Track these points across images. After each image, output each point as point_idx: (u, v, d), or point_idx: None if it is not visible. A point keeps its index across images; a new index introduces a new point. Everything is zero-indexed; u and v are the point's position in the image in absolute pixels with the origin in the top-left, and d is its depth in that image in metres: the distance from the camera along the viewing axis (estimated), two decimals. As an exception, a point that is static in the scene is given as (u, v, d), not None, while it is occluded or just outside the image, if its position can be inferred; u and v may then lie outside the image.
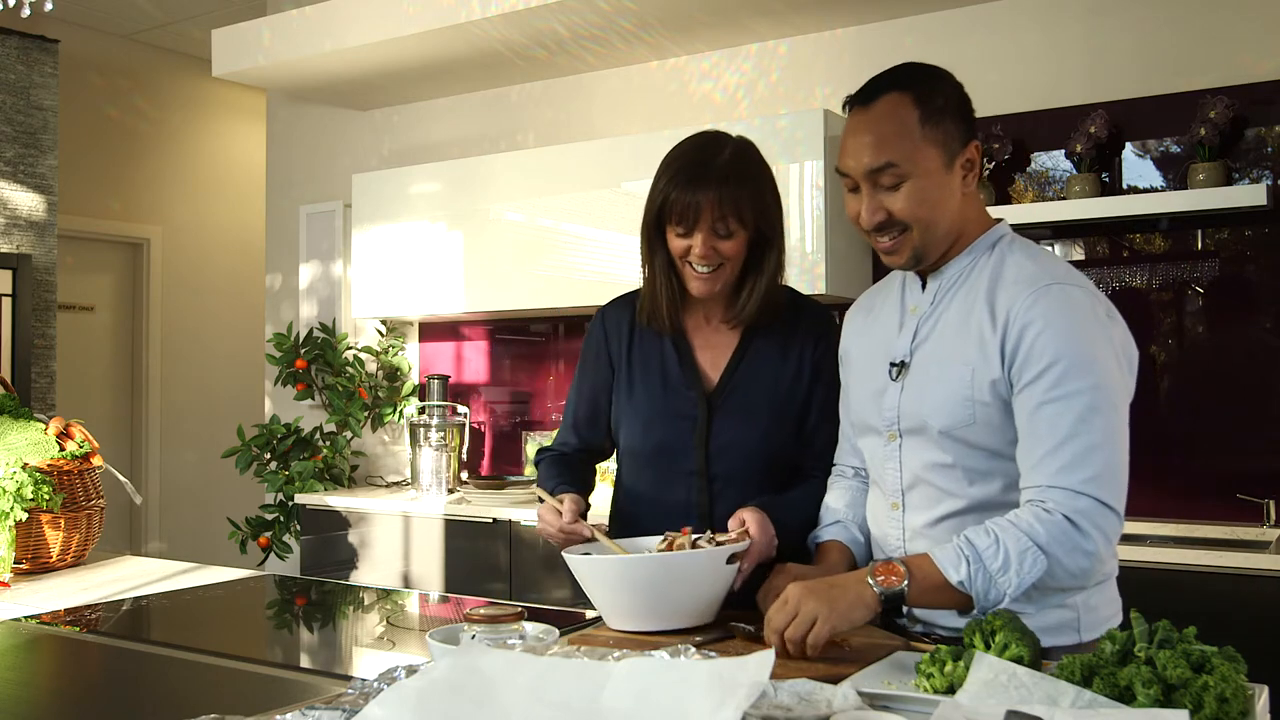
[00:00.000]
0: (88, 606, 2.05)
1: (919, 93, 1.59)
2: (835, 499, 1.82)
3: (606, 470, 3.58)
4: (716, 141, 1.86)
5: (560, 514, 1.79)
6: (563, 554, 1.69)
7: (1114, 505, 1.47)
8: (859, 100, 1.62)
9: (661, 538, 1.73)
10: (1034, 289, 1.54)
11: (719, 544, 1.66)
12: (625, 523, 1.96)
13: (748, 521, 1.71)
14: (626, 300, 2.02)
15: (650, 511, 1.91)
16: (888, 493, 1.68)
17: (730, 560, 1.63)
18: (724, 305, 1.92)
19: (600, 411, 2.02)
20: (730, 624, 1.62)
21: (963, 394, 1.56)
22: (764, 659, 1.10)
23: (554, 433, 2.36)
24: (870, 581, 1.47)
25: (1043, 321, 1.51)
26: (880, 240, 1.62)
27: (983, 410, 1.55)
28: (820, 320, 1.94)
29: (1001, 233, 1.66)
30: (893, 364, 1.66)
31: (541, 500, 1.87)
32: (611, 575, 1.61)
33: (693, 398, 1.90)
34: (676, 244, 1.84)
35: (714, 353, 1.93)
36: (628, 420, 1.95)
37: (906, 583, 1.46)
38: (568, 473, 1.98)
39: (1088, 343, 1.51)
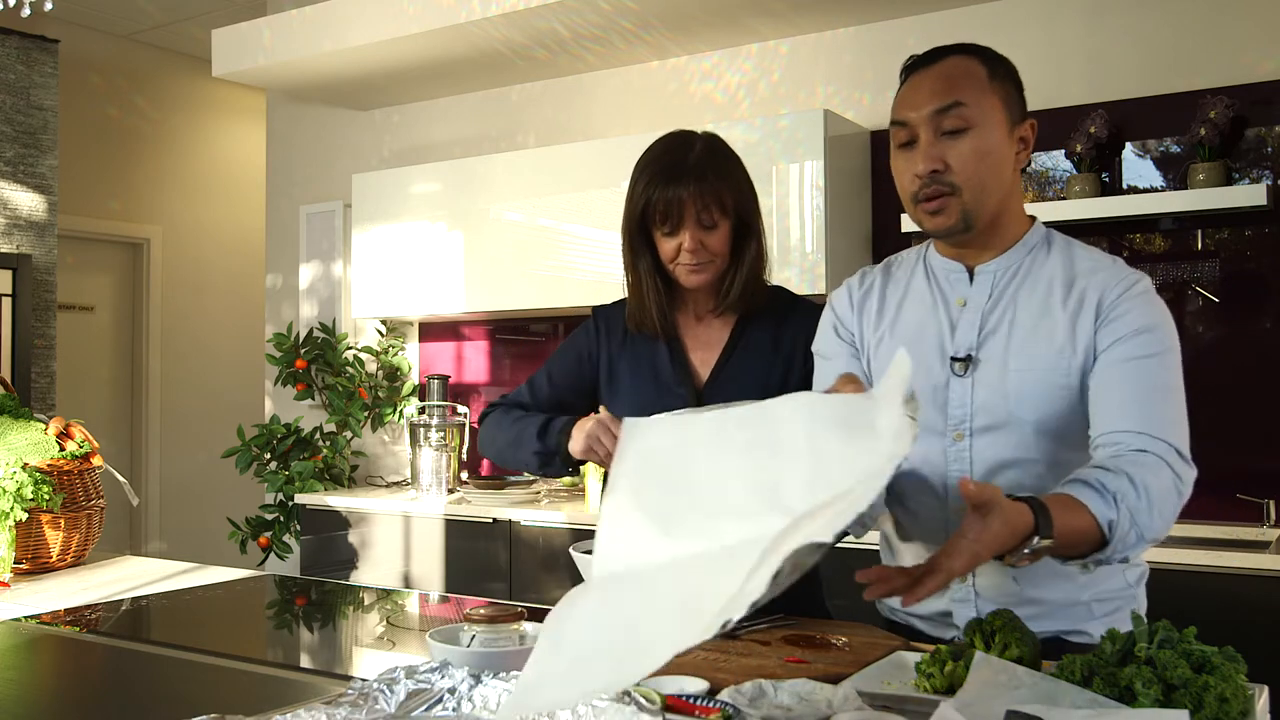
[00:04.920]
0: (88, 606, 2.05)
1: (984, 56, 1.58)
2: None
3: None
4: (686, 139, 1.89)
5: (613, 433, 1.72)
6: (570, 550, 1.69)
7: (1191, 473, 1.45)
8: (922, 62, 1.59)
9: None
10: (1127, 281, 1.55)
11: None
12: None
13: None
14: (620, 305, 2.04)
15: None
16: (951, 495, 1.58)
17: None
18: (711, 297, 1.93)
19: (562, 408, 2.02)
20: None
21: (1058, 383, 1.53)
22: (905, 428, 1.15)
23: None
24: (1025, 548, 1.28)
25: (1141, 303, 1.53)
26: (927, 202, 1.55)
27: (1078, 400, 1.53)
28: (813, 316, 1.94)
29: (1045, 229, 1.66)
30: (955, 359, 1.58)
31: (545, 438, 1.86)
32: None
33: (683, 395, 1.91)
34: (665, 245, 1.86)
35: (705, 350, 1.95)
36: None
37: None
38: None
39: (1172, 328, 1.56)
